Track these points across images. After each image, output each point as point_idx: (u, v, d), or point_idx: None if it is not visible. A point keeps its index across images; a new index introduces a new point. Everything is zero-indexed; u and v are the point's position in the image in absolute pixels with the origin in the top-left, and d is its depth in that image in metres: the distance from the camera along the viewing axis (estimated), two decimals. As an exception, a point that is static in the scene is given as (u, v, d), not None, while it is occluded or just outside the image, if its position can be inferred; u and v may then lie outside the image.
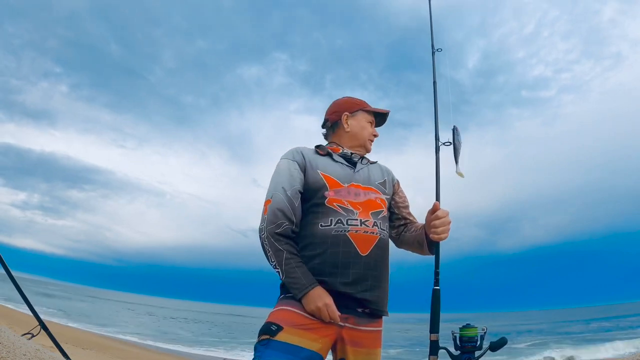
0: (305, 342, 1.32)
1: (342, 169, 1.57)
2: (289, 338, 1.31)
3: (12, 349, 2.45)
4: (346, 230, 1.44)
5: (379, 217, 1.53)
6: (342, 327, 1.45)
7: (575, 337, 17.16)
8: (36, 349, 2.63)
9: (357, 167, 1.60)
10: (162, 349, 11.14)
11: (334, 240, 1.43)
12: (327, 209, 1.46)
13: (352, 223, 1.45)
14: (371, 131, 1.73)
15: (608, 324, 24.83)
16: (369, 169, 1.65)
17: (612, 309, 53.67)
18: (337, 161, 1.59)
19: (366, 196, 1.53)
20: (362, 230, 1.45)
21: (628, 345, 12.43)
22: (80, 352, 6.42)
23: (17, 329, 3.11)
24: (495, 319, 48.90)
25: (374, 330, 1.50)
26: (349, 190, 1.51)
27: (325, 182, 1.50)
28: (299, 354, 1.29)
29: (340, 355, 1.47)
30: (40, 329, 2.66)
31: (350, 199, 1.49)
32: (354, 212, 1.47)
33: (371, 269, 1.45)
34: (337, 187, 1.50)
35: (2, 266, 2.64)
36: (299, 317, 1.38)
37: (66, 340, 6.34)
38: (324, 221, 1.45)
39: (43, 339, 2.69)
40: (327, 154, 1.61)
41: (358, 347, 1.46)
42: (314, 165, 1.53)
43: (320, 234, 1.44)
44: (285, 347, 1.29)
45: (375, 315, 1.51)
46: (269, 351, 1.28)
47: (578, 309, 73.15)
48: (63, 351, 2.74)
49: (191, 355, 10.67)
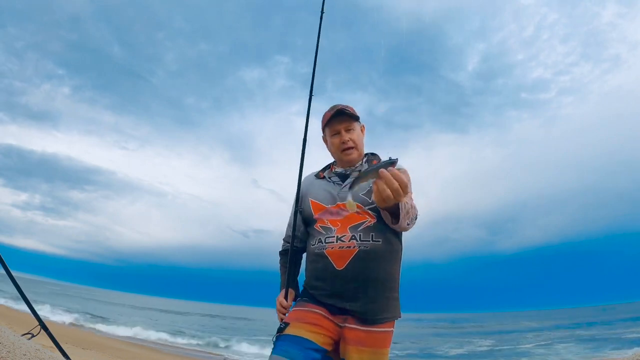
0: (309, 335, 1.48)
1: (332, 189, 1.67)
2: (295, 331, 1.49)
3: (12, 349, 2.45)
4: (324, 247, 1.59)
5: (360, 229, 1.55)
6: (342, 327, 1.53)
7: (578, 337, 17.14)
8: (36, 349, 2.63)
9: (346, 182, 1.66)
10: (163, 348, 11.14)
11: (315, 258, 1.62)
12: (314, 230, 1.66)
13: (329, 240, 1.59)
14: (337, 142, 1.66)
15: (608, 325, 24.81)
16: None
17: (612, 309, 53.65)
18: (330, 181, 1.70)
19: (348, 212, 1.59)
20: (338, 246, 1.56)
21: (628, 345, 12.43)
22: (80, 352, 6.42)
23: (17, 329, 3.12)
24: (496, 319, 48.88)
25: (381, 331, 1.53)
26: (332, 211, 1.63)
27: (311, 209, 1.68)
28: (305, 344, 1.46)
29: (342, 356, 1.53)
30: (40, 329, 2.66)
31: (331, 218, 1.62)
32: (332, 229, 1.60)
33: (349, 282, 1.53)
34: (321, 210, 1.65)
35: (2, 266, 2.65)
36: (303, 314, 1.56)
37: (66, 340, 6.34)
38: (312, 242, 1.66)
39: (43, 339, 2.69)
40: (324, 177, 1.74)
41: (363, 346, 1.49)
42: (308, 194, 1.72)
43: (310, 254, 1.67)
44: (293, 339, 1.47)
45: (372, 321, 1.52)
46: (279, 342, 1.48)
47: (578, 309, 73.12)
48: (63, 351, 2.74)
49: (191, 354, 10.67)
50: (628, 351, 10.51)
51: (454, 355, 14.24)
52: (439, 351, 15.36)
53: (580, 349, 13.18)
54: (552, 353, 12.60)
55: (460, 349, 15.59)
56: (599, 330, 20.69)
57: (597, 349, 12.82)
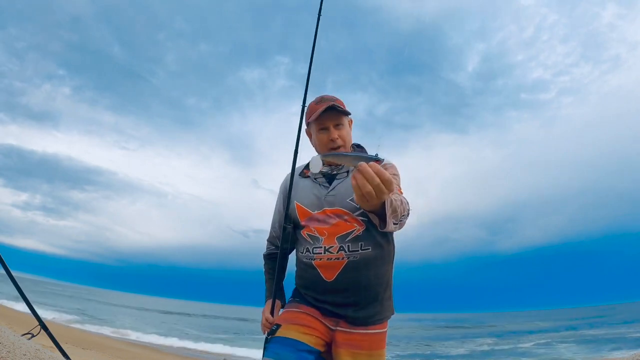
0: (300, 337, 1.46)
1: (317, 192, 1.55)
2: (287, 333, 1.47)
3: (12, 349, 2.45)
4: (312, 258, 1.53)
5: (348, 239, 1.47)
6: (334, 330, 1.51)
7: (578, 337, 17.14)
8: (36, 349, 2.63)
9: (333, 184, 1.55)
10: (163, 348, 11.14)
11: (304, 267, 1.58)
12: (301, 237, 1.58)
13: (317, 251, 1.52)
14: (325, 139, 1.55)
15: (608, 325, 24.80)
16: (348, 181, 1.53)
17: (612, 309, 53.62)
18: (315, 182, 1.57)
19: (336, 219, 1.50)
20: (326, 258, 1.50)
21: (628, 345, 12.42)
22: (80, 352, 6.41)
23: (17, 329, 3.12)
24: (496, 319, 48.85)
25: (374, 332, 1.50)
26: (318, 217, 1.53)
27: (297, 214, 1.58)
28: (297, 346, 1.43)
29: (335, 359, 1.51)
30: (40, 329, 2.66)
31: (318, 226, 1.52)
32: (320, 239, 1.51)
33: (340, 292, 1.49)
34: (307, 216, 1.55)
35: (2, 266, 2.64)
36: (295, 316, 1.54)
37: (66, 340, 6.34)
38: (300, 249, 1.60)
39: (43, 339, 2.69)
40: (308, 175, 1.61)
41: (357, 349, 1.47)
42: (294, 196, 1.60)
43: (299, 260, 1.63)
44: (285, 341, 1.44)
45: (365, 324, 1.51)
46: (271, 345, 1.45)
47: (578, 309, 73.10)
48: (63, 351, 2.74)
49: (191, 354, 10.66)
50: (628, 351, 10.50)
51: (455, 354, 14.24)
52: (439, 351, 15.37)
53: (580, 349, 13.17)
54: (552, 353, 12.59)
55: (461, 349, 15.58)
56: (599, 330, 20.67)
57: (597, 349, 12.81)
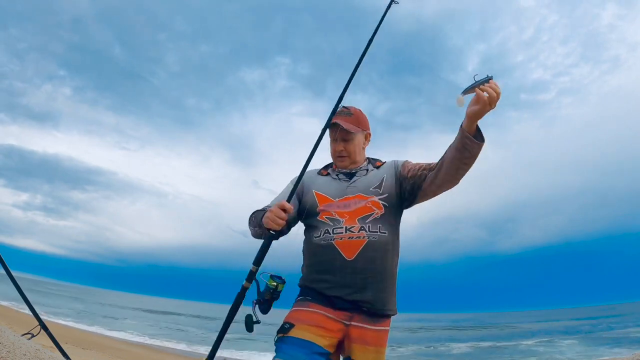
0: (314, 338, 1.46)
1: (338, 185, 1.66)
2: (301, 334, 1.47)
3: (12, 349, 2.45)
4: (332, 239, 1.56)
5: (369, 220, 1.56)
6: (348, 325, 1.53)
7: (578, 337, 17.15)
8: (36, 349, 2.63)
9: (353, 179, 1.66)
10: (163, 348, 11.15)
11: (322, 250, 1.57)
12: (318, 222, 1.61)
13: (338, 231, 1.56)
14: (332, 149, 1.71)
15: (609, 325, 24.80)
16: (368, 177, 1.66)
17: (612, 309, 53.62)
18: (335, 178, 1.68)
19: (356, 205, 1.59)
20: (347, 237, 1.55)
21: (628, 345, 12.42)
22: (80, 352, 6.42)
23: (17, 329, 3.12)
24: (496, 319, 48.86)
25: (381, 329, 1.55)
26: (339, 204, 1.61)
27: (316, 200, 1.64)
28: (311, 347, 1.43)
29: (347, 354, 1.54)
30: (40, 329, 2.66)
31: (338, 210, 1.59)
32: (340, 220, 1.57)
33: (359, 272, 1.53)
34: (327, 202, 1.62)
35: (2, 266, 2.65)
36: (309, 315, 1.53)
37: (66, 340, 6.34)
38: (315, 234, 1.60)
39: (43, 339, 2.69)
40: (328, 173, 1.72)
41: (367, 345, 1.51)
42: (311, 187, 1.68)
43: (313, 246, 1.60)
44: (298, 342, 1.44)
45: (379, 314, 1.55)
46: (284, 346, 1.45)
47: (578, 309, 73.10)
48: (63, 351, 2.74)
49: (191, 354, 10.66)
50: (628, 351, 10.50)
51: (457, 353, 14.26)
52: (440, 350, 15.38)
53: (580, 348, 13.18)
54: (554, 351, 12.60)
55: (462, 347, 15.60)
56: (600, 330, 20.69)
57: (597, 348, 12.82)
